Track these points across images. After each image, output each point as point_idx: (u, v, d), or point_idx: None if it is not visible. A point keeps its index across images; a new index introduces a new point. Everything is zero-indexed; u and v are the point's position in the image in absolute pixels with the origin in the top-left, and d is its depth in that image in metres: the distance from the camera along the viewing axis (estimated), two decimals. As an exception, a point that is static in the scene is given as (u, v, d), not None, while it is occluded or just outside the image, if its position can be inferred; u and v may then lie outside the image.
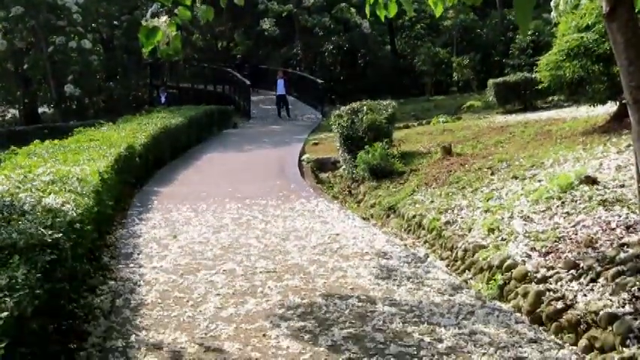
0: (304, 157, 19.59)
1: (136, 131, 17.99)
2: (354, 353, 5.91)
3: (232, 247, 9.80)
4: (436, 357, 5.77)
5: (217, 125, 28.17)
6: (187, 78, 41.72)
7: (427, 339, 6.18)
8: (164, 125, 20.20)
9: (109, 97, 40.88)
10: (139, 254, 9.69)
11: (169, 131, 20.34)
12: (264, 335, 6.43)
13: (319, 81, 34.11)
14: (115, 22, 42.19)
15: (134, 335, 6.55)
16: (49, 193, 7.80)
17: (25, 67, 38.22)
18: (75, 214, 7.09)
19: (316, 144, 22.32)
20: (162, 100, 34.51)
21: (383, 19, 7.81)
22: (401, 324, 6.58)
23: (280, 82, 31.74)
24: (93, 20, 40.28)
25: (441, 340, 6.14)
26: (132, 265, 9.14)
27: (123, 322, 6.94)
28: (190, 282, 8.20)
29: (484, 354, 5.81)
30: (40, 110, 42.19)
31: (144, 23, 7.86)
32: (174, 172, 18.17)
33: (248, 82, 34.11)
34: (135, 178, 15.48)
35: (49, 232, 6.04)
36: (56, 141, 15.01)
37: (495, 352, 5.84)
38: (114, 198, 11.70)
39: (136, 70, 43.04)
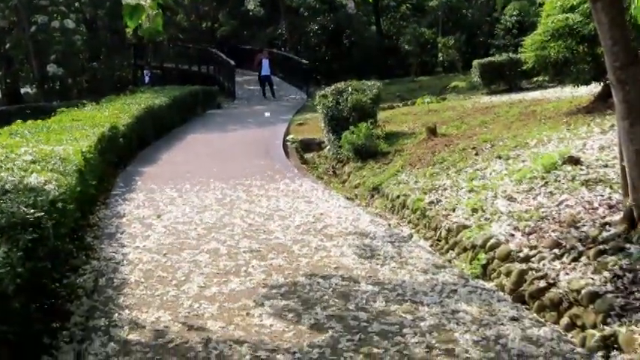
0: (289, 137, 19.54)
1: (119, 111, 17.91)
2: (337, 331, 5.92)
3: (216, 227, 9.78)
4: (419, 335, 5.79)
5: (202, 105, 28.04)
6: (171, 58, 41.46)
7: (410, 317, 6.20)
8: (148, 105, 20.11)
9: (93, 78, 40.57)
10: (122, 234, 9.66)
11: (153, 111, 20.25)
12: (247, 314, 6.43)
13: (304, 61, 33.99)
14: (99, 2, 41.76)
15: (117, 314, 6.54)
16: (31, 173, 7.76)
17: (7, 46, 37.93)
18: (57, 193, 7.06)
19: (301, 124, 22.26)
20: (147, 80, 34.33)
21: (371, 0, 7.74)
22: (384, 302, 6.60)
23: (265, 63, 31.52)
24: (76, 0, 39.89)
25: (423, 319, 6.16)
26: (115, 244, 9.11)
27: (106, 302, 6.93)
28: (174, 261, 8.19)
29: (466, 332, 5.84)
30: (22, 90, 41.91)
31: (125, 1, 7.80)
32: (158, 152, 18.10)
33: (233, 63, 33.93)
34: (118, 158, 15.41)
35: (31, 211, 6.01)
36: (39, 121, 14.96)
37: (477, 330, 5.86)
38: (97, 178, 11.65)
39: (119, 50, 42.70)
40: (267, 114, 25.46)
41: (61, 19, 36.57)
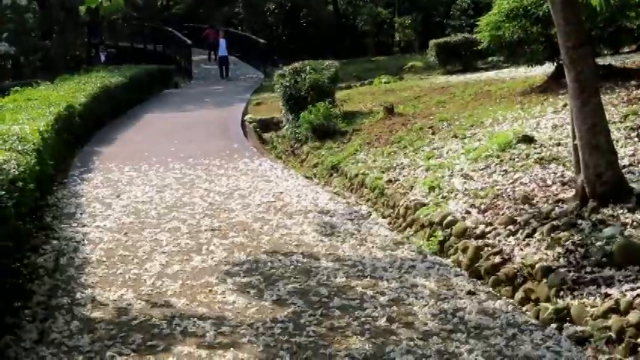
0: (247, 117, 19.50)
1: (75, 90, 17.70)
2: (298, 307, 6.05)
3: (176, 206, 9.81)
4: (379, 309, 5.94)
5: (158, 85, 27.73)
6: (126, 37, 40.88)
7: (370, 292, 6.35)
8: (104, 84, 19.87)
9: (46, 56, 39.84)
10: (82, 214, 9.64)
11: (109, 91, 20.01)
12: (210, 291, 6.52)
13: (261, 41, 33.79)
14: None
15: (79, 293, 6.58)
16: (-11, 152, 7.70)
17: (-43, 24, 37.03)
18: (17, 172, 7.03)
19: (259, 104, 22.20)
20: (102, 58, 33.86)
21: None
22: (344, 278, 6.74)
23: (222, 43, 31.20)
24: (27, -24, 39.08)
25: (383, 293, 6.31)
26: (75, 224, 9.09)
27: (68, 280, 6.96)
28: (135, 240, 8.23)
29: (425, 305, 6.00)
30: (-27, 69, 40.99)
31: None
32: (116, 131, 17.93)
33: (189, 42, 33.61)
34: (75, 138, 15.24)
35: (-8, 190, 5.99)
36: (-7, 100, 14.74)
37: (435, 304, 6.03)
38: (54, 158, 11.55)
39: (73, 28, 41.96)
40: None
41: (13, -4, 35.78)
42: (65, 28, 41.14)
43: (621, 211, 6.66)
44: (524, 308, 6.04)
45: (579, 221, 6.74)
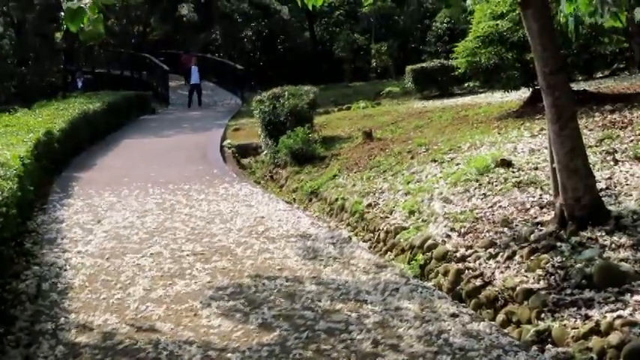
0: (226, 142, 19.57)
1: (53, 117, 17.66)
2: (284, 330, 6.07)
3: (158, 231, 9.81)
4: (364, 331, 5.98)
5: (136, 111, 27.72)
6: (103, 63, 40.83)
7: (354, 315, 6.39)
8: (82, 110, 19.83)
9: (21, 83, 39.66)
10: (62, 239, 9.60)
11: (88, 117, 19.99)
12: (195, 315, 6.53)
13: (239, 67, 33.95)
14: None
15: (63, 318, 6.56)
16: (-28, 178, 7.70)
17: None
18: (0, 198, 7.03)
19: (237, 129, 22.30)
20: (79, 85, 33.77)
21: (310, 7, 7.77)
22: (329, 302, 6.77)
23: (194, 70, 31.03)
24: (3, 3, 38.97)
25: (368, 316, 6.35)
26: (56, 250, 9.06)
27: (51, 306, 6.94)
28: (117, 265, 8.22)
29: (409, 327, 6.05)
30: (-52, 96, 40.68)
31: (66, 5, 7.77)
32: (94, 157, 17.89)
33: (166, 68, 33.67)
34: (54, 164, 15.21)
35: (-24, 216, 6.00)
36: (-30, 127, 14.68)
37: (420, 326, 6.08)
38: (34, 184, 11.52)
39: (49, 55, 41.83)
40: None
41: (-12, 22, 35.68)
42: (41, 55, 40.98)
43: (600, 233, 6.78)
44: (506, 330, 6.10)
45: (558, 244, 6.85)
